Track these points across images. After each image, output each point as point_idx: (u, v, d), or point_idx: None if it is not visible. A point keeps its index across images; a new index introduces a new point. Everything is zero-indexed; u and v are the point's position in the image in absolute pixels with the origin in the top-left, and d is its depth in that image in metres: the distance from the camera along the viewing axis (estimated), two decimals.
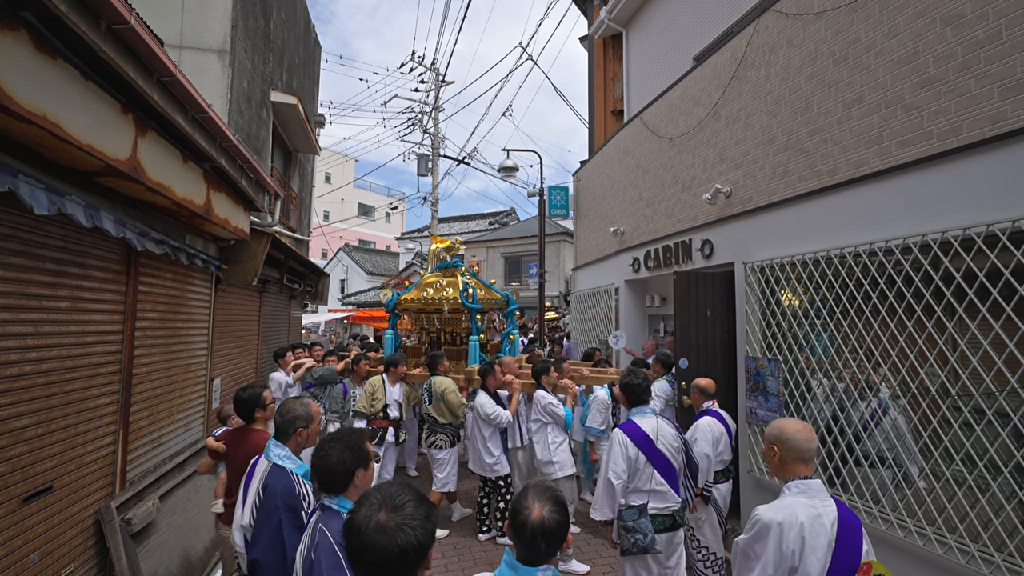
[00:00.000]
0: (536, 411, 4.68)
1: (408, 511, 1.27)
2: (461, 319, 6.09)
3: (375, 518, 1.26)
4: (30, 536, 2.52)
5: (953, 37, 3.11)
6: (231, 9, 5.45)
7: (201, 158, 3.73)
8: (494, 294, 6.41)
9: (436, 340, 6.37)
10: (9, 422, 2.40)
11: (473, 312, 5.85)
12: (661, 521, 3.05)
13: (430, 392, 4.92)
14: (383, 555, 1.22)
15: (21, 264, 2.48)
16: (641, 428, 3.04)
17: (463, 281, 6.05)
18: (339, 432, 1.96)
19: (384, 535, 1.23)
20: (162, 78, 2.83)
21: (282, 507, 2.15)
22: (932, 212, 3.20)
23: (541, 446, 4.62)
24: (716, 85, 5.44)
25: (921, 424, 3.29)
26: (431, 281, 6.24)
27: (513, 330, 6.64)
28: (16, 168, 2.17)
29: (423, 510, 1.30)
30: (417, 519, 1.27)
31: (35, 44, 2.03)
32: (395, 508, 1.28)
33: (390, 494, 1.32)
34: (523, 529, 1.45)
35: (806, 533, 1.83)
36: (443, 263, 6.45)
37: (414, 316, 6.40)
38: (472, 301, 5.78)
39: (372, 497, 1.33)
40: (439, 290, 6.00)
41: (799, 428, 1.98)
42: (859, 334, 3.68)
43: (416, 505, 1.30)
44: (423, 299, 6.00)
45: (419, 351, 6.39)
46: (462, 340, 6.18)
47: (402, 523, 1.25)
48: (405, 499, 1.30)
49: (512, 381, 4.89)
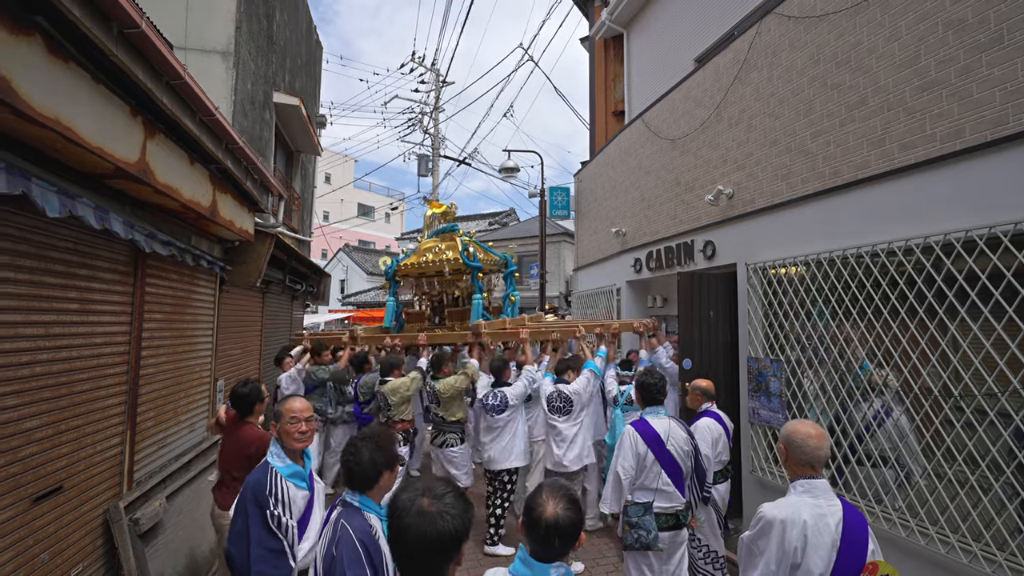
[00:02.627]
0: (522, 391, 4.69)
1: (448, 501, 1.35)
2: (462, 280, 6.17)
3: (418, 502, 1.33)
4: (41, 536, 2.54)
5: (955, 41, 3.14)
6: (235, 11, 5.46)
7: (207, 160, 3.75)
8: (492, 256, 6.48)
9: (439, 303, 6.42)
10: (20, 423, 2.42)
11: (475, 271, 5.91)
12: (665, 519, 3.10)
13: (436, 396, 4.89)
14: (421, 538, 1.29)
15: (33, 266, 2.50)
16: (653, 428, 3.10)
17: (462, 242, 6.07)
18: (370, 431, 1.99)
19: (424, 519, 1.31)
20: (171, 81, 2.86)
21: (250, 501, 2.20)
22: (935, 214, 3.23)
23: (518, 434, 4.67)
24: (718, 87, 5.47)
25: (924, 425, 3.32)
26: (429, 246, 6.27)
27: (513, 291, 6.68)
28: (29, 171, 2.19)
29: (462, 503, 1.37)
30: (457, 509, 1.34)
31: (49, 48, 2.05)
32: (436, 497, 1.35)
33: (431, 485, 1.40)
34: (537, 526, 1.47)
35: (809, 531, 1.86)
36: (440, 228, 6.49)
37: (414, 281, 6.43)
38: (473, 260, 5.84)
39: (415, 485, 1.41)
40: (438, 254, 6.02)
41: (810, 434, 2.00)
42: (861, 335, 3.71)
43: (456, 497, 1.37)
44: (423, 263, 6.04)
45: (422, 316, 6.46)
46: (464, 301, 6.25)
47: (442, 510, 1.32)
48: (446, 490, 1.38)
49: (520, 332, 5.06)
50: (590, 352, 5.01)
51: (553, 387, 4.57)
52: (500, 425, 4.61)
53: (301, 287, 8.88)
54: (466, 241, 6.10)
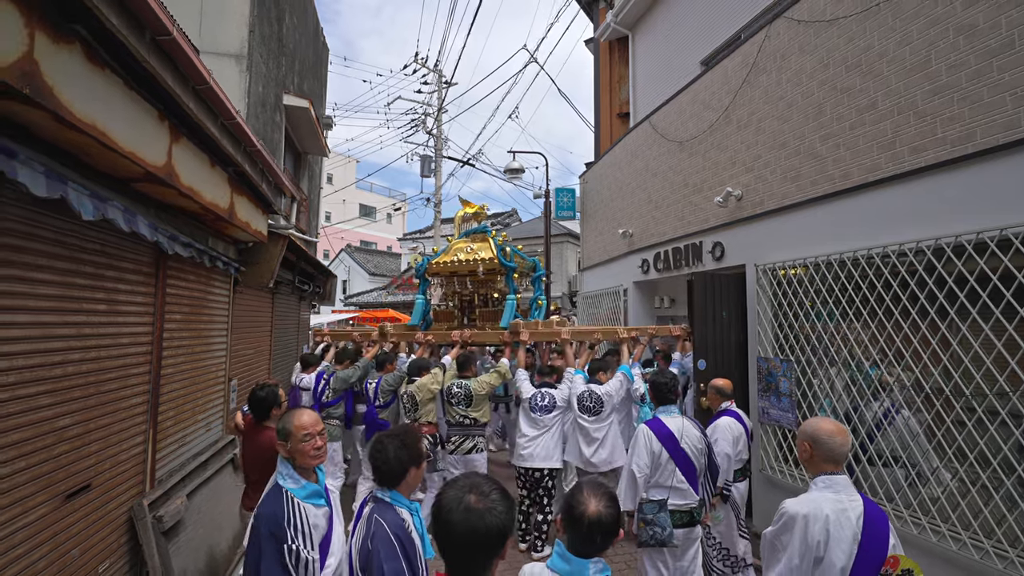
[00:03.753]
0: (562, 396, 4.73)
1: (494, 498, 1.38)
2: (495, 281, 6.23)
3: (465, 499, 1.37)
4: (72, 532, 2.59)
5: (966, 46, 3.19)
6: (248, 14, 5.52)
7: (226, 163, 3.81)
8: (522, 260, 6.54)
9: (469, 303, 6.48)
10: (54, 421, 2.47)
11: (510, 272, 5.97)
12: (679, 517, 3.15)
13: (470, 396, 4.82)
14: (469, 533, 1.33)
15: (66, 268, 2.55)
16: (667, 426, 3.15)
17: (496, 243, 6.12)
18: (395, 430, 2.05)
19: (472, 515, 1.34)
20: (197, 87, 2.91)
21: (264, 535, 1.98)
22: (946, 216, 3.28)
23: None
24: (727, 90, 5.52)
25: (935, 424, 3.37)
26: (460, 246, 6.30)
27: (540, 295, 6.75)
28: (66, 176, 2.24)
29: (507, 501, 1.40)
30: (503, 506, 1.38)
31: (88, 56, 2.10)
32: (483, 494, 1.38)
33: (477, 482, 1.43)
34: (580, 523, 1.53)
35: (831, 525, 1.90)
36: (472, 228, 6.55)
37: (444, 280, 6.49)
38: (509, 260, 5.90)
39: (460, 482, 1.44)
40: (471, 253, 6.05)
41: (834, 432, 2.04)
42: (872, 335, 3.76)
43: (501, 494, 1.41)
44: (456, 263, 6.08)
45: (450, 315, 6.50)
46: (494, 302, 6.30)
47: (489, 507, 1.36)
48: (491, 488, 1.41)
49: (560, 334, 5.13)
50: (629, 355, 4.94)
51: (585, 386, 4.57)
52: (546, 426, 4.63)
53: (309, 287, 8.93)
54: (500, 242, 6.15)
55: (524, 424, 4.74)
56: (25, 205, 2.28)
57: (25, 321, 2.30)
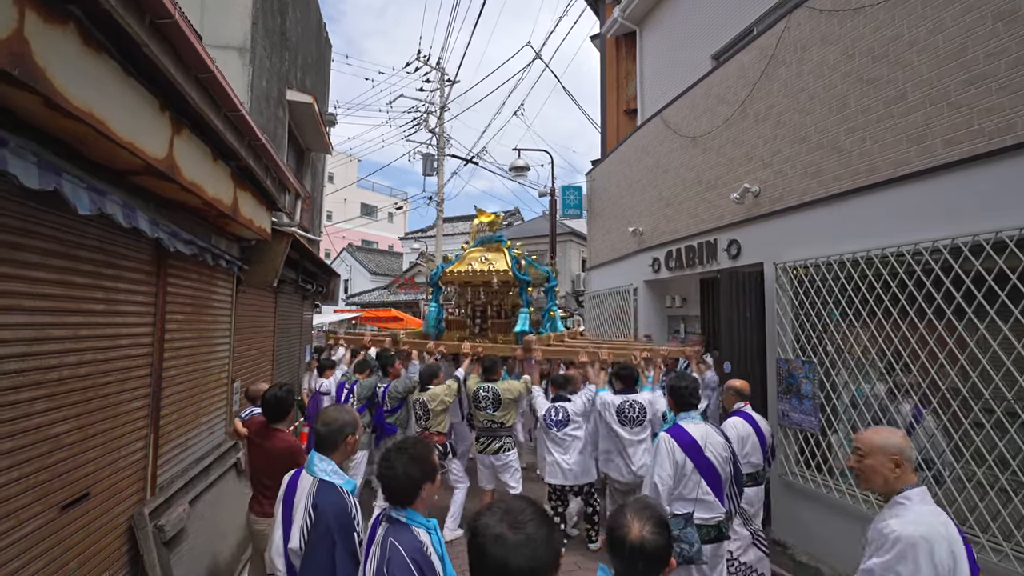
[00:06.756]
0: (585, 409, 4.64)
1: (531, 530, 1.20)
2: (509, 292, 6.13)
3: (497, 528, 1.21)
4: (70, 544, 2.45)
5: (1006, 32, 3.04)
6: (251, 6, 5.38)
7: (229, 157, 3.67)
8: (536, 271, 6.42)
9: (482, 312, 6.37)
10: (50, 428, 2.34)
11: (524, 284, 5.86)
12: (707, 531, 2.95)
13: (497, 400, 4.77)
14: (501, 568, 1.17)
15: (62, 266, 2.41)
16: (689, 434, 2.96)
17: (511, 254, 6.00)
18: (403, 443, 1.89)
19: (503, 548, 1.18)
20: (200, 75, 2.76)
21: (335, 528, 1.99)
22: (983, 211, 3.13)
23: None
24: (743, 83, 5.36)
25: (951, 425, 3.23)
26: (475, 255, 6.19)
27: (553, 306, 6.61)
28: (60, 167, 2.10)
29: (544, 531, 1.22)
30: (540, 536, 1.20)
31: (83, 39, 1.96)
32: (518, 525, 1.21)
33: (513, 508, 1.25)
34: (621, 547, 1.38)
35: (954, 546, 1.71)
36: (486, 237, 6.42)
37: (458, 289, 6.34)
38: (524, 273, 5.79)
39: (496, 508, 1.27)
40: (485, 263, 5.93)
41: (905, 437, 1.93)
42: (903, 336, 3.61)
43: (538, 525, 1.22)
44: (470, 272, 5.96)
45: (462, 324, 6.40)
46: (507, 314, 6.19)
47: (527, 539, 1.19)
48: (527, 516, 1.23)
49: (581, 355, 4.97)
50: (644, 377, 4.86)
51: (622, 398, 4.44)
52: (568, 440, 4.54)
53: (312, 287, 8.80)
54: (516, 254, 6.03)
55: (545, 442, 4.68)
56: (17, 198, 2.14)
57: (20, 322, 2.17)
